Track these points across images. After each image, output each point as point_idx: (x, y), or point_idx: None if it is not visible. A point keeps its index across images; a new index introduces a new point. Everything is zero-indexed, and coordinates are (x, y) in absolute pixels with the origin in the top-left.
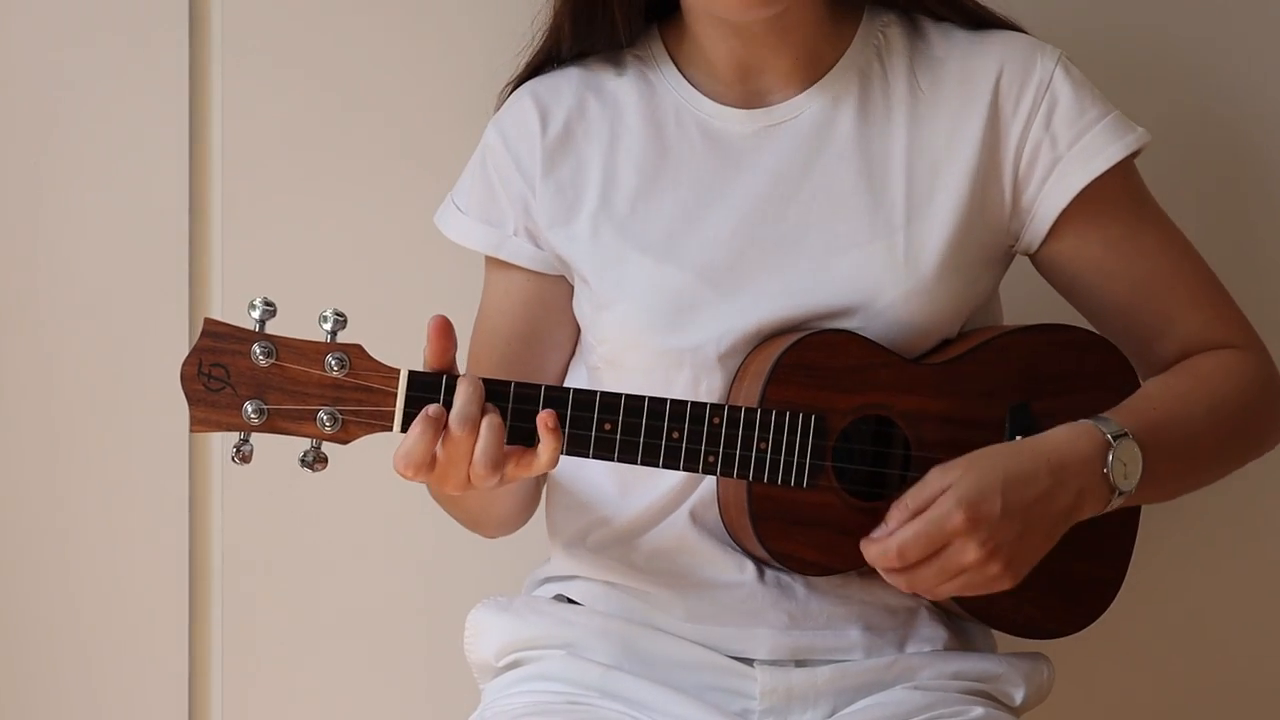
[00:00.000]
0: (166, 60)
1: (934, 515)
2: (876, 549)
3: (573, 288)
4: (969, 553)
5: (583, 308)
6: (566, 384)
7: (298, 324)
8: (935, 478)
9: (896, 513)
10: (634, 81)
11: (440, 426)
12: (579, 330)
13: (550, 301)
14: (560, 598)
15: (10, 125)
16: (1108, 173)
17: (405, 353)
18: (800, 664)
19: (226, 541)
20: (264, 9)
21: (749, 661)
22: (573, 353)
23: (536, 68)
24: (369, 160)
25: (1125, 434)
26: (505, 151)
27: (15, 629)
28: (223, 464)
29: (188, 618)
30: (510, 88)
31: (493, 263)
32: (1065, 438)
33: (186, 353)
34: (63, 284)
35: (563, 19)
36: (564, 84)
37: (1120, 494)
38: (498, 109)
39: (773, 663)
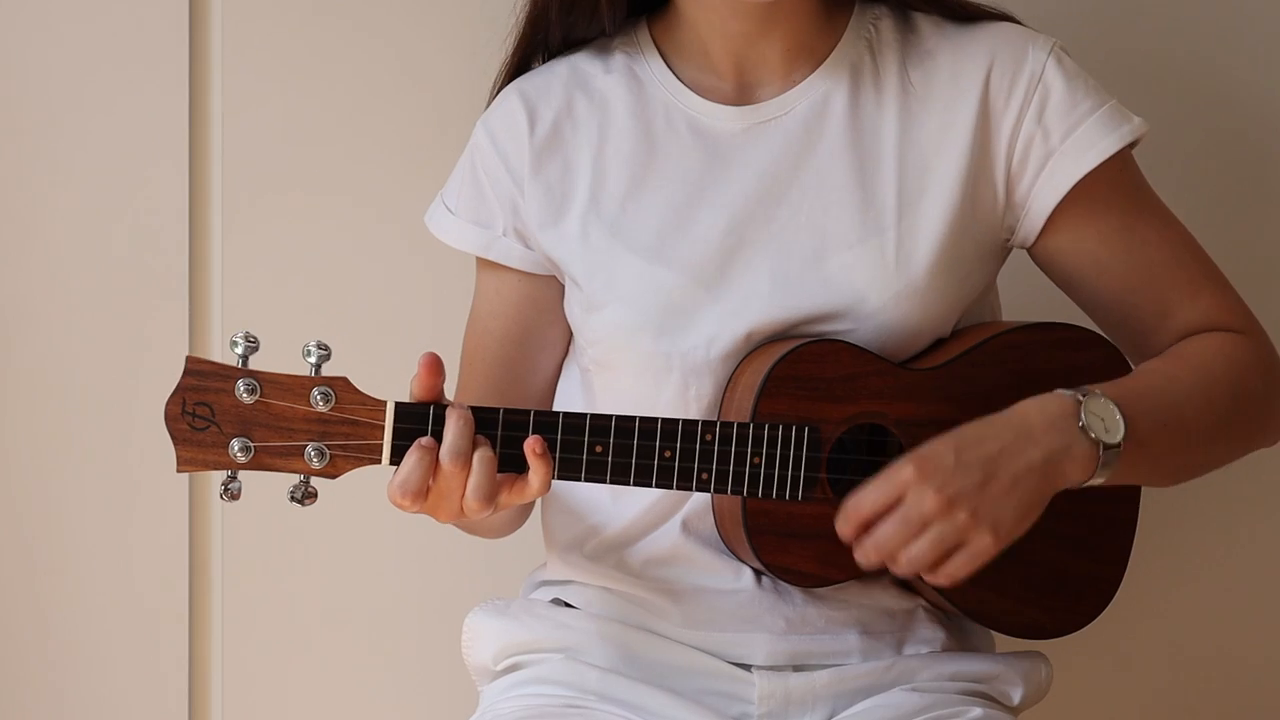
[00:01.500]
0: (166, 60)
1: (885, 474)
2: (839, 517)
3: (564, 287)
4: (925, 500)
5: (573, 309)
6: (560, 383)
7: (298, 324)
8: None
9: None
10: (622, 78)
11: (435, 455)
12: (571, 329)
13: (542, 301)
14: (558, 601)
15: (10, 125)
16: (1102, 166)
17: (405, 352)
18: (798, 669)
19: (226, 542)
20: (264, 9)
21: (747, 666)
22: (566, 351)
23: (523, 57)
24: (369, 160)
25: (1095, 393)
26: (493, 151)
27: (15, 629)
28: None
29: (188, 618)
30: (499, 82)
31: (483, 263)
32: (1029, 405)
33: (186, 352)
34: (62, 284)
35: (547, 3)
36: (552, 82)
37: (1107, 448)
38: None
39: (770, 668)
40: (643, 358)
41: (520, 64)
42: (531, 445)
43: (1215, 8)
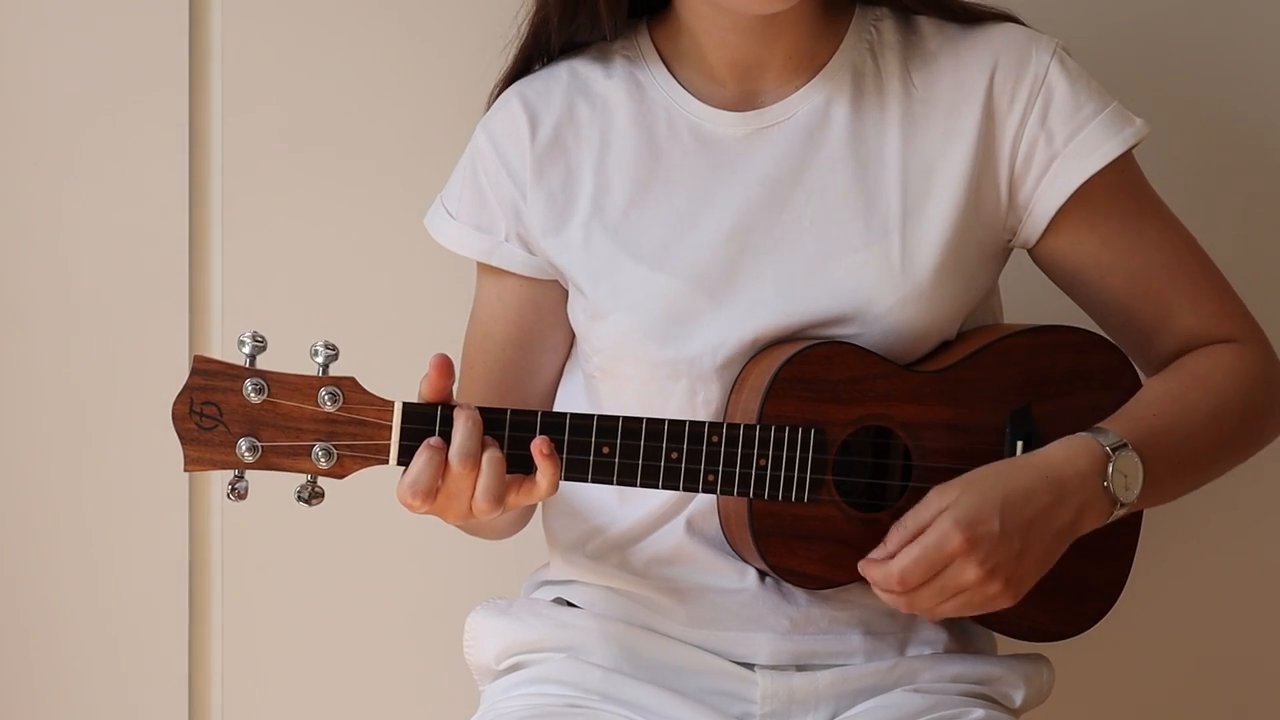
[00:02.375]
0: (166, 60)
1: (932, 538)
2: (878, 572)
3: (566, 291)
4: (968, 573)
5: (577, 316)
6: (562, 387)
7: (298, 324)
8: (934, 498)
9: (896, 534)
10: (623, 83)
11: (444, 456)
12: (574, 332)
13: (544, 305)
14: (560, 601)
15: (11, 125)
16: (1105, 168)
17: (405, 351)
18: (801, 668)
19: (226, 542)
20: (264, 9)
21: (750, 666)
22: (568, 354)
23: (524, 62)
24: (369, 159)
25: (1124, 444)
26: (495, 156)
27: (15, 629)
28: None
29: (188, 618)
30: (500, 86)
31: (485, 268)
32: (1064, 453)
33: (186, 352)
34: (62, 284)
35: (548, 6)
36: (553, 86)
37: (1122, 506)
38: (489, 108)
39: (774, 667)
40: (649, 365)
41: (520, 68)
42: (539, 446)
43: (1215, 9)
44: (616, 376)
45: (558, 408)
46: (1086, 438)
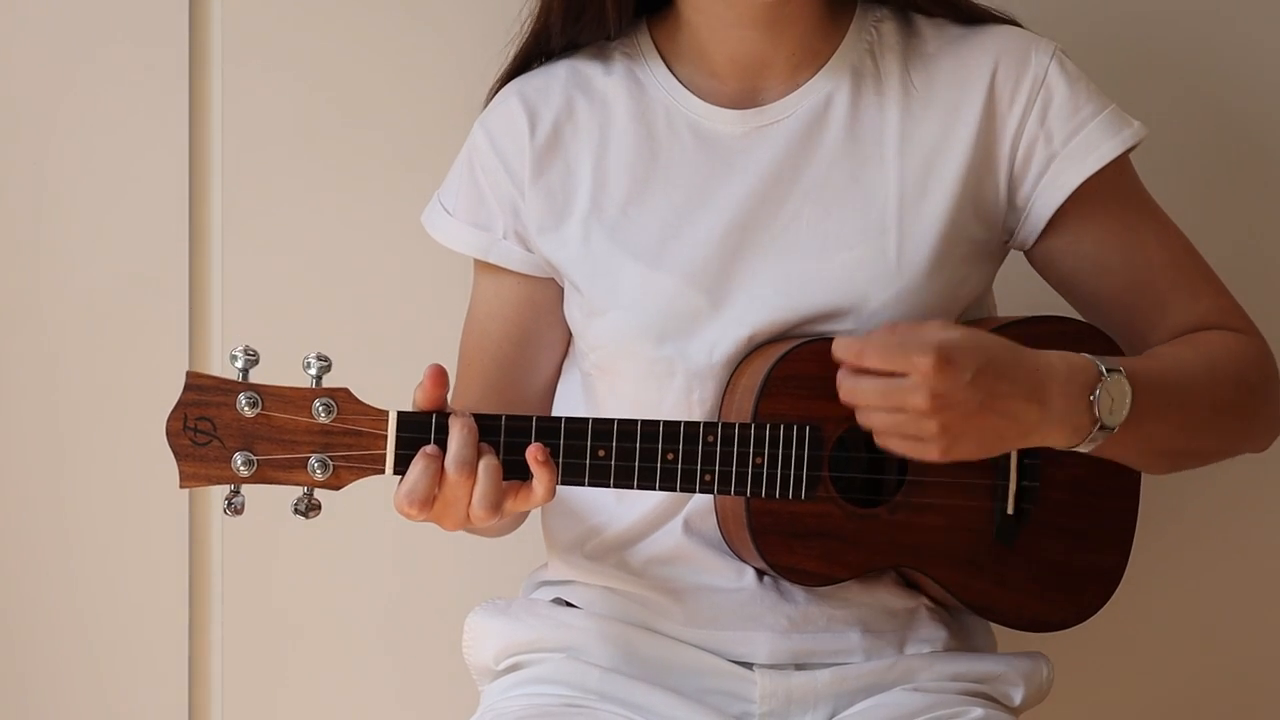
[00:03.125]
0: (166, 60)
1: (910, 341)
2: (844, 340)
3: (563, 289)
4: (918, 395)
5: (574, 313)
6: (560, 386)
7: (298, 324)
8: (937, 324)
9: (885, 328)
10: (623, 80)
11: (440, 464)
12: (572, 331)
13: (541, 303)
14: (558, 601)
15: (10, 125)
16: (1103, 170)
17: (405, 351)
18: (800, 667)
19: (226, 543)
20: (264, 9)
21: (749, 665)
22: (565, 352)
23: (525, 60)
24: (370, 159)
25: (1119, 370)
26: (493, 153)
27: (15, 629)
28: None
29: (188, 618)
30: (498, 83)
31: (482, 265)
32: (1060, 357)
33: (186, 353)
34: (62, 284)
35: (552, 7)
36: (552, 84)
37: (1102, 428)
38: (487, 105)
39: (772, 666)
40: (645, 363)
41: (520, 66)
42: (533, 453)
43: (1213, 11)
44: (613, 374)
45: (556, 407)
46: (1086, 356)
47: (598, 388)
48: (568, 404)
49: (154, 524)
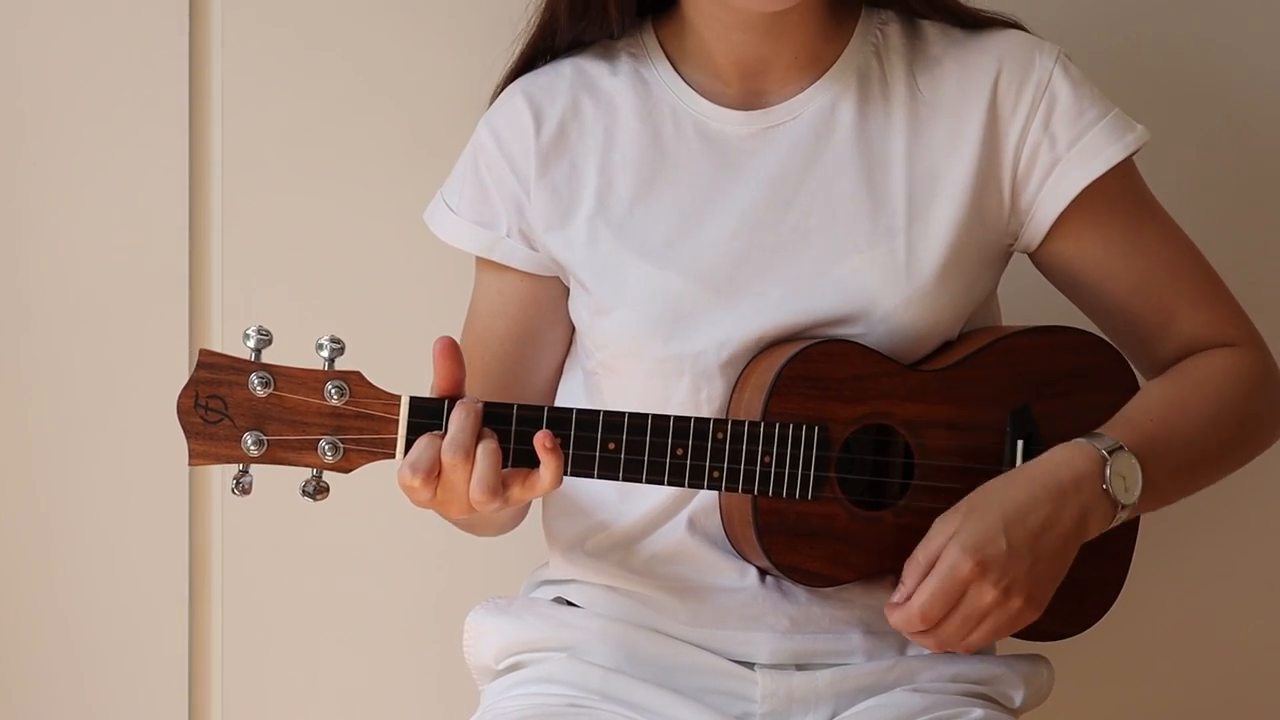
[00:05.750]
0: (166, 60)
1: (944, 567)
2: (900, 615)
3: (566, 287)
4: (985, 595)
5: (580, 312)
6: (561, 385)
7: (298, 324)
8: (938, 530)
9: (911, 570)
10: (629, 80)
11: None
12: (573, 329)
13: (544, 302)
14: (560, 600)
15: (10, 125)
16: (1107, 173)
17: (406, 351)
18: (801, 667)
19: (227, 540)
20: (264, 9)
21: (750, 665)
22: (567, 351)
23: (530, 58)
24: (369, 159)
25: (1120, 447)
26: (498, 151)
27: (15, 629)
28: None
29: (188, 618)
30: (504, 81)
31: (484, 263)
32: (1060, 460)
33: (186, 351)
34: (62, 284)
35: (557, 5)
36: (557, 82)
37: (1124, 508)
38: (492, 104)
39: (773, 666)
40: (652, 362)
41: (525, 65)
42: (541, 440)
43: (1216, 14)
44: (619, 373)
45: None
46: (1082, 443)
47: (603, 387)
48: (569, 403)
49: (154, 524)
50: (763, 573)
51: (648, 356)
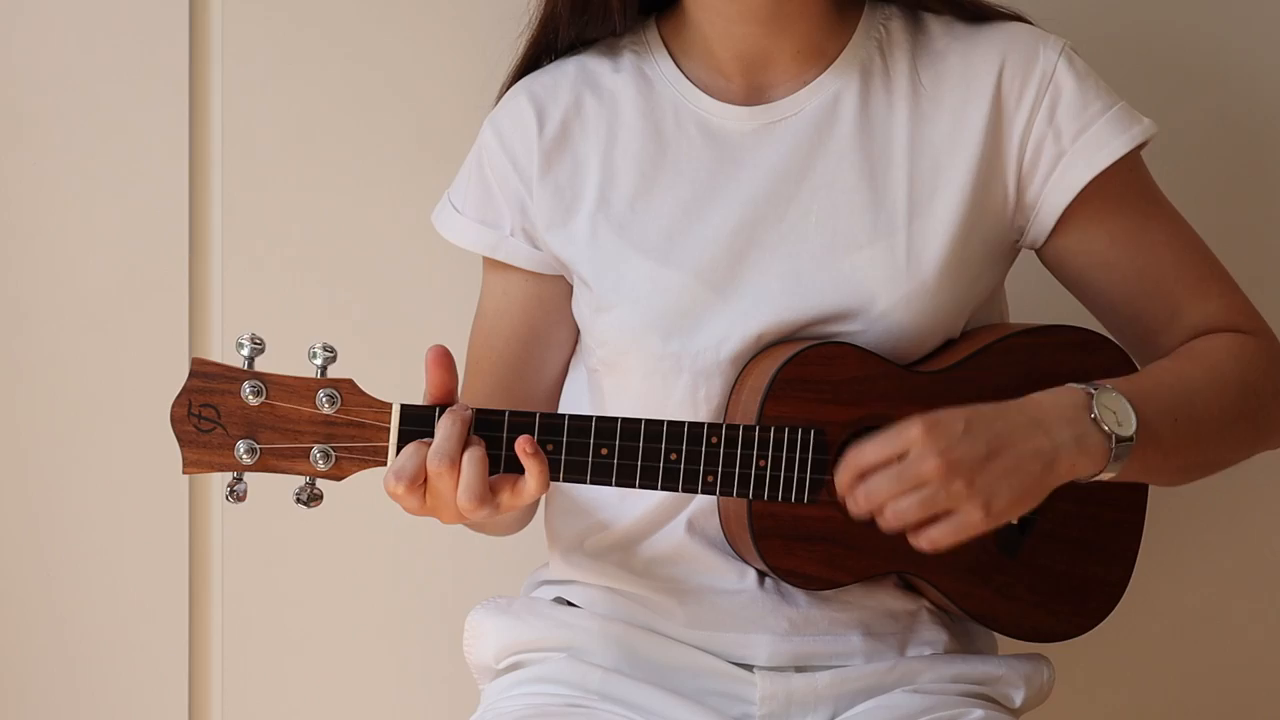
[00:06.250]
0: (166, 60)
1: (893, 430)
2: (839, 467)
3: (571, 287)
4: (926, 460)
5: (581, 309)
6: (566, 386)
7: (298, 324)
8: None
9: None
10: (631, 77)
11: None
12: (578, 328)
13: (549, 301)
14: (560, 600)
15: (10, 125)
16: (1113, 166)
17: (407, 351)
18: (800, 669)
19: (226, 542)
20: (264, 9)
21: (749, 667)
22: (573, 351)
23: (534, 56)
24: (370, 159)
25: (1105, 386)
26: (501, 151)
27: (15, 629)
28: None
29: (188, 618)
30: (509, 81)
31: (490, 263)
32: (1043, 393)
33: (186, 351)
34: (63, 284)
35: (558, 3)
36: (560, 81)
37: (1119, 440)
38: (497, 103)
39: (773, 668)
40: (651, 359)
41: (529, 64)
42: (521, 445)
43: (1219, 5)
44: (619, 370)
45: (562, 405)
46: (1068, 384)
47: (604, 384)
48: (573, 402)
49: (154, 527)
50: (762, 575)
51: (647, 354)
